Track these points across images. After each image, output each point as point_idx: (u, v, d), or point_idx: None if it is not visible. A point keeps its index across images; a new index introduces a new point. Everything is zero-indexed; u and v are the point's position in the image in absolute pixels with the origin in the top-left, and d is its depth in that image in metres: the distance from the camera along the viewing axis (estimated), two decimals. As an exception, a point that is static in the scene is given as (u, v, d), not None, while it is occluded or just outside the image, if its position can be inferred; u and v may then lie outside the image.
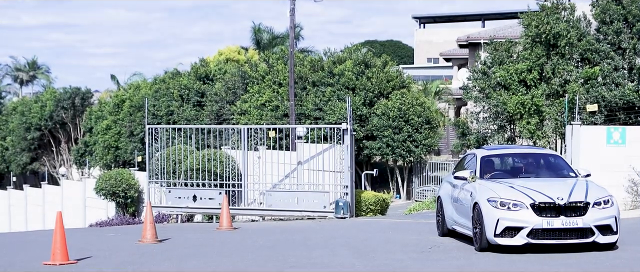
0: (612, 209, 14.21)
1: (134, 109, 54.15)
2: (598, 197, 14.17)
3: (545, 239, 13.85)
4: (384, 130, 41.98)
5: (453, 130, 45.42)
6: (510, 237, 13.91)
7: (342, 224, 21.89)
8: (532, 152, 16.99)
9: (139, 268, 13.82)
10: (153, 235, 17.79)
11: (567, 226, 13.75)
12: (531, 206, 13.91)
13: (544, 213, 13.85)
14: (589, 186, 14.60)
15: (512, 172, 16.17)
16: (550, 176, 15.77)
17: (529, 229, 13.79)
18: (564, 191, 14.17)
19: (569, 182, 14.88)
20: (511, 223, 13.87)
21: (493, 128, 36.79)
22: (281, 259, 14.48)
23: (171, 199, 26.15)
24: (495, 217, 13.95)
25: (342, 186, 24.47)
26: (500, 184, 14.85)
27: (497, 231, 13.93)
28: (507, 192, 14.30)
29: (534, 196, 14.01)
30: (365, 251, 15.32)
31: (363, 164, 43.08)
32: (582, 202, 13.97)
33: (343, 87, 42.86)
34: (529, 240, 13.83)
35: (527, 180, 15.23)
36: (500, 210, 14.01)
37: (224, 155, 26.92)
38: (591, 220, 13.86)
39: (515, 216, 13.89)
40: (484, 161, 16.07)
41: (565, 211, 13.86)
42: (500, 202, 14.09)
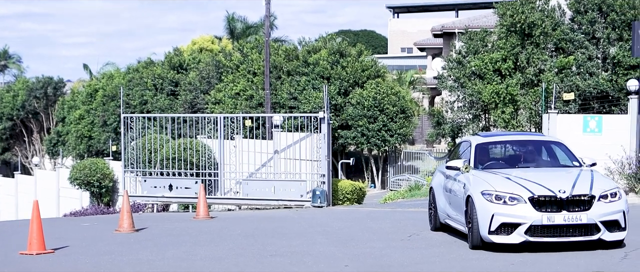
0: (619, 202, 12.84)
1: (107, 98, 53.84)
2: (604, 190, 12.82)
3: (546, 237, 12.54)
4: (358, 120, 41.97)
5: (428, 120, 45.53)
6: (507, 234, 12.62)
7: (320, 213, 21.87)
8: (532, 139, 15.69)
9: (117, 258, 13.73)
10: (130, 224, 17.69)
11: (569, 222, 12.46)
12: (530, 200, 12.59)
13: (544, 208, 12.53)
14: (594, 177, 13.29)
15: (509, 161, 14.89)
16: (552, 165, 14.55)
17: (528, 226, 12.49)
18: (566, 183, 12.85)
19: (572, 173, 13.58)
20: (507, 219, 12.59)
21: (468, 117, 36.90)
22: (260, 248, 14.44)
23: (147, 188, 26.01)
24: (489, 213, 12.68)
25: (319, 174, 24.43)
26: (496, 175, 13.57)
27: (491, 228, 12.66)
28: (503, 185, 13.02)
29: (533, 189, 12.70)
30: (345, 240, 15.30)
31: (338, 154, 43.07)
32: (586, 196, 12.63)
33: (318, 77, 42.80)
34: (527, 238, 12.53)
35: (526, 170, 13.95)
36: (496, 204, 12.73)
37: (200, 144, 26.81)
38: (596, 215, 12.52)
39: (512, 211, 12.61)
40: (479, 149, 14.78)
41: (567, 205, 12.53)
42: (496, 196, 12.79)
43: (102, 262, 13.24)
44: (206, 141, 27.19)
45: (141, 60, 59.43)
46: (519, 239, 12.57)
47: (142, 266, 12.74)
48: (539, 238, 12.54)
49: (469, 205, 13.25)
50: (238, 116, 27.96)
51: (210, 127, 28.65)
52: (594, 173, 13.63)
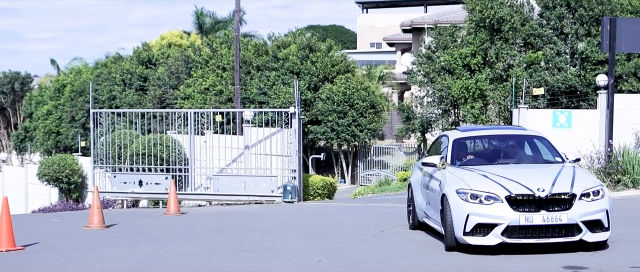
0: (602, 201, 12.08)
1: (75, 93, 53.47)
2: (586, 188, 12.06)
3: (524, 238, 11.75)
4: (328, 115, 41.99)
5: (397, 115, 45.63)
6: (483, 235, 11.84)
7: (291, 209, 21.85)
8: (513, 134, 14.78)
9: (88, 254, 13.62)
10: (100, 220, 17.57)
11: (548, 222, 11.69)
12: (507, 199, 11.81)
13: (521, 207, 11.76)
14: (576, 174, 12.54)
15: (489, 156, 14.12)
16: (533, 161, 13.79)
17: (504, 227, 11.71)
18: (545, 181, 12.06)
19: (553, 170, 12.79)
20: (483, 219, 11.82)
21: (438, 112, 37.05)
22: (233, 244, 14.39)
23: (116, 184, 25.86)
24: (464, 213, 11.94)
25: (290, 170, 24.41)
26: (472, 173, 12.79)
27: (466, 229, 11.91)
28: (479, 183, 12.25)
29: (510, 187, 11.94)
30: (317, 235, 15.29)
31: (308, 149, 43.07)
32: (566, 194, 11.85)
33: (288, 72, 42.77)
34: (504, 239, 11.75)
35: (505, 167, 13.28)
36: (471, 204, 11.97)
37: (170, 139, 26.69)
38: (578, 215, 11.75)
39: (488, 210, 11.83)
40: (457, 145, 14.10)
41: (546, 204, 11.75)
42: (471, 195, 12.05)
43: (73, 258, 13.13)
44: (176, 137, 27.08)
45: (109, 56, 59.14)
46: (495, 241, 11.79)
47: (113, 262, 12.65)
48: (517, 239, 11.75)
49: (444, 204, 12.55)
50: (208, 111, 27.87)
51: (180, 122, 28.53)
52: (577, 169, 12.91)
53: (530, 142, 14.32)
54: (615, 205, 12.62)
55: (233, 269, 11.65)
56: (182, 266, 12.12)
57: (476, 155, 14.12)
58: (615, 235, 13.11)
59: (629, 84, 32.45)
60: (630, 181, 21.99)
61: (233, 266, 11.92)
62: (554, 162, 13.53)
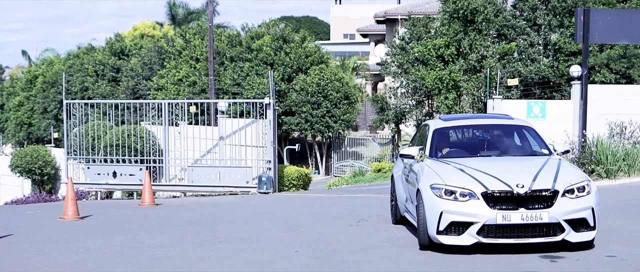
0: (588, 198, 11.26)
1: (47, 85, 53.11)
2: (570, 184, 11.21)
3: (501, 238, 10.96)
4: (302, 106, 41.96)
5: (371, 106, 45.67)
6: (457, 234, 11.08)
7: (266, 199, 21.82)
8: (499, 124, 13.78)
9: (64, 245, 13.53)
10: (75, 212, 17.46)
11: (528, 221, 10.89)
12: (483, 196, 11.01)
13: (499, 205, 10.97)
14: (561, 168, 11.67)
15: (472, 148, 13.31)
16: (518, 153, 12.94)
17: (480, 225, 10.92)
18: (526, 176, 11.24)
19: (536, 163, 11.96)
20: (458, 217, 11.02)
21: (411, 103, 37.16)
22: (209, 235, 14.34)
23: (90, 175, 25.70)
24: (438, 210, 11.15)
25: (265, 161, 24.36)
26: (449, 166, 12.04)
27: (440, 227, 11.13)
28: (455, 177, 11.47)
29: (487, 183, 11.12)
30: (293, 226, 15.27)
31: (282, 140, 43.04)
32: (548, 191, 11.01)
33: (261, 63, 42.68)
34: (479, 239, 10.98)
35: (487, 160, 12.48)
36: (445, 200, 11.17)
37: (144, 130, 26.56)
38: (560, 213, 10.94)
39: (463, 208, 11.01)
40: (437, 135, 13.33)
41: (526, 201, 10.96)
42: (446, 191, 11.25)
43: (48, 250, 13.04)
44: (150, 128, 26.95)
45: (81, 47, 58.79)
46: (470, 241, 11.03)
47: (89, 253, 12.57)
48: (493, 239, 10.97)
49: (418, 199, 11.78)
50: (182, 102, 27.74)
51: (153, 113, 28.39)
52: (562, 163, 12.01)
53: (516, 133, 13.51)
54: None
55: (210, 260, 11.61)
56: (158, 256, 12.07)
57: (458, 146, 13.46)
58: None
59: (601, 75, 32.67)
60: (604, 171, 22.14)
61: (210, 257, 11.89)
62: (540, 154, 12.72)
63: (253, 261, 11.47)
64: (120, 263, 11.56)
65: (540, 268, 10.31)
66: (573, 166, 12.00)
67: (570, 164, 12.12)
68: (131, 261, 11.69)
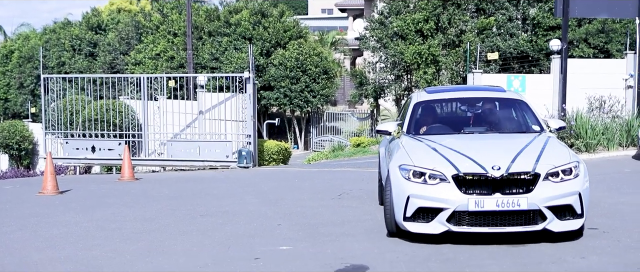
0: (575, 182, 9.98)
1: (23, 60, 52.72)
2: (554, 165, 9.94)
3: (474, 226, 9.77)
4: (281, 81, 41.83)
5: (350, 81, 45.65)
6: (425, 221, 9.92)
7: (246, 174, 21.77)
8: (489, 97, 12.56)
9: (44, 219, 13.44)
10: (54, 186, 17.35)
11: (503, 207, 9.65)
12: (454, 179, 9.82)
13: (471, 189, 9.75)
14: (547, 148, 10.44)
15: (456, 123, 12.24)
16: (506, 130, 11.71)
17: (450, 212, 9.74)
18: (505, 156, 10.01)
19: (521, 142, 10.71)
20: (426, 203, 9.83)
21: (390, 78, 37.14)
22: (190, 209, 14.29)
23: (69, 150, 25.53)
24: (405, 194, 9.97)
25: (245, 135, 24.29)
26: (421, 144, 10.95)
27: (407, 213, 9.97)
28: (426, 158, 10.28)
29: (459, 164, 9.92)
30: (275, 199, 15.24)
31: (260, 115, 42.93)
32: (527, 174, 9.76)
33: (240, 37, 42.49)
34: (450, 227, 9.80)
35: (467, 138, 11.32)
36: (413, 183, 10.00)
37: (122, 105, 26.40)
38: (541, 199, 9.70)
39: (433, 192, 9.82)
40: (417, 109, 12.23)
41: (502, 185, 9.74)
42: (414, 172, 10.06)
43: (28, 224, 12.95)
44: (129, 102, 26.79)
45: (58, 21, 58.27)
46: (439, 229, 9.84)
47: (70, 227, 12.49)
48: (465, 228, 9.77)
49: (387, 181, 10.64)
50: (161, 76, 27.59)
51: (132, 88, 28.21)
52: (550, 141, 10.80)
53: (507, 107, 12.31)
54: None
55: (192, 233, 11.56)
56: (139, 230, 12.00)
57: (442, 121, 12.32)
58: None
59: (579, 50, 32.77)
60: (583, 145, 22.23)
61: (192, 230, 11.84)
62: (531, 131, 11.51)
63: (236, 234, 11.43)
64: (101, 237, 11.49)
65: (520, 240, 10.29)
66: (563, 145, 10.79)
67: (559, 143, 10.86)
68: (112, 235, 11.61)
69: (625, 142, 22.96)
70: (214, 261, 9.60)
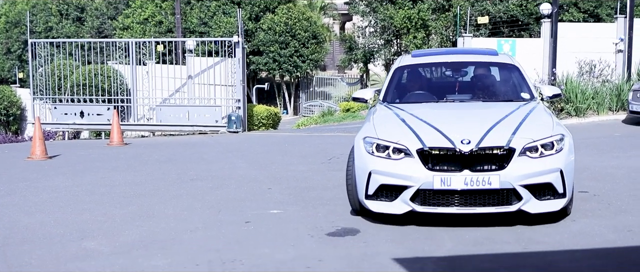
0: (557, 158, 8.91)
1: (10, 25, 52.30)
2: (533, 139, 8.89)
3: (440, 206, 8.77)
4: (270, 46, 41.68)
5: (339, 46, 45.53)
6: (388, 200, 8.94)
7: (236, 138, 21.71)
8: (478, 61, 11.68)
9: (33, 184, 13.38)
10: (43, 151, 17.27)
11: (473, 186, 8.63)
12: (419, 154, 8.79)
13: (440, 165, 8.76)
14: (529, 119, 9.46)
15: (440, 90, 11.19)
16: (493, 98, 10.79)
17: (414, 190, 8.74)
18: (479, 129, 9.02)
19: (503, 111, 9.75)
20: (388, 180, 8.85)
21: (380, 43, 37.05)
22: (180, 173, 14.24)
23: (57, 115, 25.41)
24: (366, 169, 9.02)
25: (234, 99, 24.20)
26: (392, 114, 10.04)
27: (369, 191, 9.02)
28: (392, 130, 9.31)
29: (426, 137, 8.90)
30: (265, 164, 15.21)
31: (250, 80, 42.81)
32: (500, 148, 8.73)
33: (229, 2, 42.25)
34: (414, 207, 8.80)
35: (446, 107, 10.43)
36: (376, 158, 9.01)
37: (111, 70, 26.26)
38: (515, 177, 8.65)
39: (395, 168, 8.82)
40: (398, 75, 11.35)
41: (472, 161, 8.71)
42: (377, 146, 9.08)
43: (17, 189, 12.88)
44: (117, 67, 26.64)
45: (45, -14, 57.78)
46: (402, 209, 8.88)
47: (59, 192, 12.43)
48: (430, 208, 8.80)
49: (350, 155, 9.71)
50: (150, 41, 27.42)
51: (120, 53, 28.04)
52: (536, 111, 9.86)
53: (497, 73, 11.44)
54: None
55: (183, 197, 11.52)
56: (130, 194, 11.95)
57: (425, 88, 11.29)
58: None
59: (569, 14, 32.70)
60: (573, 109, 22.24)
61: (182, 195, 11.79)
62: (518, 99, 10.59)
63: (226, 198, 11.39)
64: (91, 201, 11.44)
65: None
66: (549, 115, 9.82)
67: (545, 113, 9.89)
68: (102, 199, 11.56)
69: (615, 106, 22.98)
70: (204, 225, 9.57)
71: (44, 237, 9.11)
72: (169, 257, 8.08)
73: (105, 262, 7.97)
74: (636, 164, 13.63)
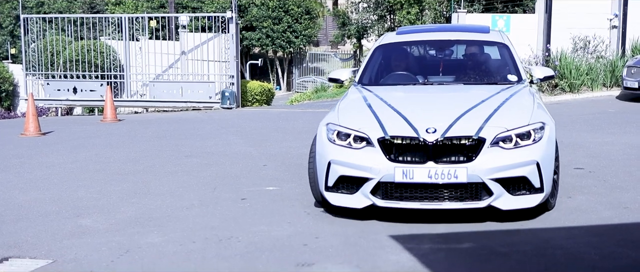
0: (533, 148, 8.05)
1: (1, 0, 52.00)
2: (507, 128, 8.07)
3: (403, 201, 7.98)
4: (263, 21, 41.56)
5: (332, 21, 45.40)
6: (349, 192, 8.19)
7: (230, 114, 21.66)
8: (466, 39, 10.87)
9: (27, 161, 13.34)
10: (36, 128, 17.22)
11: (437, 179, 7.84)
12: (380, 143, 8.02)
13: (403, 156, 7.96)
14: (507, 105, 8.66)
15: (421, 72, 10.36)
16: (477, 80, 10.02)
17: (375, 183, 7.98)
18: (449, 115, 8.25)
19: (480, 96, 9.00)
20: (348, 170, 8.08)
21: (373, 18, 36.97)
22: (175, 149, 14.21)
23: (50, 91, 25.31)
24: (326, 158, 8.26)
25: (228, 75, 24.13)
26: (360, 97, 9.30)
27: (328, 182, 8.28)
28: (356, 115, 8.60)
29: (389, 125, 8.13)
30: (260, 140, 15.18)
31: (243, 56, 42.70)
32: (469, 138, 7.93)
33: (222, -23, 42.09)
34: (375, 201, 8.04)
35: (422, 90, 9.78)
36: (337, 147, 8.25)
37: (104, 46, 26.14)
38: (485, 170, 7.84)
39: (356, 158, 8.06)
40: (379, 54, 10.58)
41: (437, 152, 7.90)
42: (338, 133, 8.32)
43: (11, 166, 12.84)
44: (110, 43, 26.52)
45: (36, -40, 57.42)
46: (363, 202, 8.12)
47: (53, 168, 12.40)
48: (392, 203, 8.02)
49: (313, 142, 8.90)
50: (143, 16, 27.29)
51: (113, 28, 27.90)
52: (517, 96, 9.10)
53: (485, 52, 10.69)
54: (552, 109, 12.16)
55: (178, 174, 11.49)
56: (124, 171, 11.93)
57: (407, 68, 10.42)
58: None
59: (564, -11, 32.61)
60: (567, 85, 22.23)
61: (178, 171, 11.77)
62: (503, 81, 9.84)
63: (221, 174, 11.37)
64: (86, 178, 11.41)
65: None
66: (531, 100, 8.94)
67: (528, 98, 9.06)
68: (97, 176, 11.54)
69: (609, 82, 22.97)
70: (200, 202, 9.55)
71: (40, 215, 9.09)
72: (165, 234, 8.07)
73: (101, 239, 7.96)
74: (631, 141, 13.64)
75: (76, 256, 7.38)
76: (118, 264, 7.10)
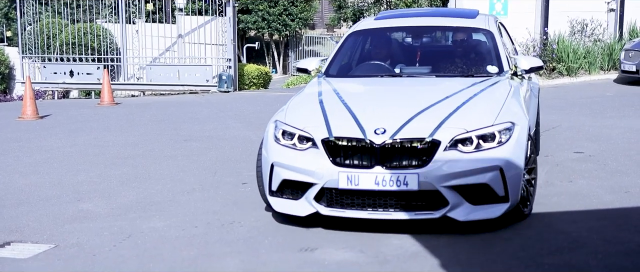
0: (497, 152, 7.13)
1: (-4, -18, 51.85)
2: (466, 130, 7.16)
3: (349, 209, 7.20)
4: (259, 4, 41.40)
5: (328, 4, 45.27)
6: (293, 198, 7.45)
7: (227, 98, 21.63)
8: (447, 26, 10.06)
9: (26, 144, 13.32)
10: (34, 111, 17.20)
11: (385, 187, 6.99)
12: (324, 144, 7.22)
13: (350, 159, 7.13)
14: (472, 101, 7.75)
15: (394, 63, 9.44)
16: (452, 71, 9.08)
17: (318, 189, 7.22)
18: (403, 114, 7.38)
19: (447, 90, 8.10)
20: (290, 174, 7.34)
21: (369, 1, 36.88)
22: (173, 133, 14.20)
23: (46, 74, 25.24)
24: (269, 160, 7.52)
25: (225, 59, 24.08)
26: (315, 91, 8.49)
27: (272, 185, 7.53)
28: (304, 112, 7.82)
29: (335, 124, 7.34)
30: (258, 124, 15.15)
31: (238, 39, 42.57)
32: (421, 141, 7.04)
33: (218, -40, 41.90)
34: (319, 208, 7.28)
35: (390, 83, 8.91)
36: (281, 147, 7.50)
37: (100, 29, 26.05)
38: (439, 176, 6.95)
39: (300, 160, 7.29)
40: (351, 41, 9.81)
41: (386, 156, 7.06)
42: (283, 132, 7.56)
43: (9, 149, 12.83)
44: (107, 26, 26.43)
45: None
46: (306, 210, 7.36)
47: (52, 152, 12.38)
48: (338, 211, 7.25)
49: (262, 141, 7.94)
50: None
51: (109, 11, 27.79)
52: (489, 91, 8.15)
53: (467, 40, 9.80)
54: (550, 92, 12.17)
55: (178, 158, 11.48)
56: (124, 155, 11.92)
57: (380, 58, 9.52)
58: (550, 121, 13.16)
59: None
60: (565, 69, 22.23)
61: (177, 155, 11.76)
62: (482, 74, 8.87)
63: (221, 158, 11.37)
64: (85, 162, 11.39)
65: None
66: (506, 95, 7.96)
67: (503, 93, 8.07)
68: (97, 160, 11.52)
69: (606, 65, 22.98)
70: (201, 186, 9.55)
71: (40, 199, 9.08)
72: (166, 219, 8.07)
73: (103, 224, 7.95)
74: (630, 124, 13.65)
75: (78, 240, 7.38)
76: (120, 249, 7.09)
